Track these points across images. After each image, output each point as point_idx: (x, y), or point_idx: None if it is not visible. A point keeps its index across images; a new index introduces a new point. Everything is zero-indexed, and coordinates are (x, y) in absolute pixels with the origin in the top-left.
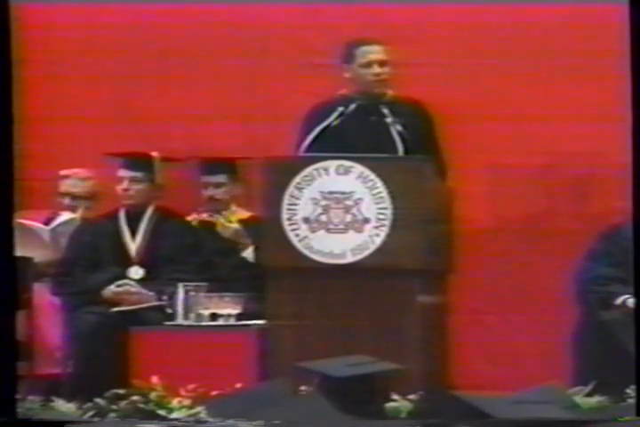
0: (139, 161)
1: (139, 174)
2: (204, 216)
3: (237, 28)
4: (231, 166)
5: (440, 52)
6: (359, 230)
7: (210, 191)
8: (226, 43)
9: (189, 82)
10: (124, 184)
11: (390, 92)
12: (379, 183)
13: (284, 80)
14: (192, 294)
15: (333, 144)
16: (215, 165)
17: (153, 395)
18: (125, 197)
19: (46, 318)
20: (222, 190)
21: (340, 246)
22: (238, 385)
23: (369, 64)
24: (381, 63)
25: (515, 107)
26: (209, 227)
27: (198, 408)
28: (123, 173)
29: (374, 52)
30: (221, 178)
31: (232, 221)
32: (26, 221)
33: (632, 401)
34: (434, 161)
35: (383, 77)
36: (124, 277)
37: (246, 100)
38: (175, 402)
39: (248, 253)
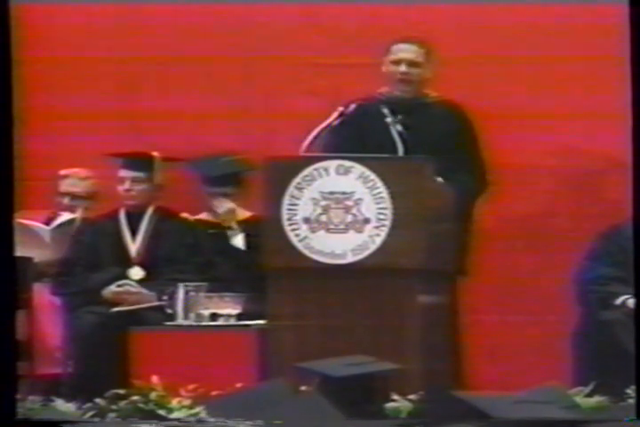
0: (140, 161)
1: (140, 175)
2: (204, 216)
3: (237, 28)
4: (239, 179)
5: (440, 53)
6: (359, 230)
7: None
8: (226, 43)
9: (189, 81)
10: (126, 184)
11: (433, 94)
12: (379, 183)
13: (283, 80)
14: (192, 294)
15: (334, 144)
16: (225, 176)
17: (153, 395)
18: (127, 197)
19: (46, 317)
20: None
21: (340, 246)
22: (238, 385)
23: (398, 62)
24: (411, 63)
25: (515, 107)
26: (209, 227)
27: (198, 408)
28: (124, 173)
29: (405, 51)
30: (228, 189)
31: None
32: (26, 220)
33: (632, 401)
34: (471, 169)
35: (409, 78)
36: (124, 277)
37: (246, 99)
38: (175, 402)
39: (238, 241)
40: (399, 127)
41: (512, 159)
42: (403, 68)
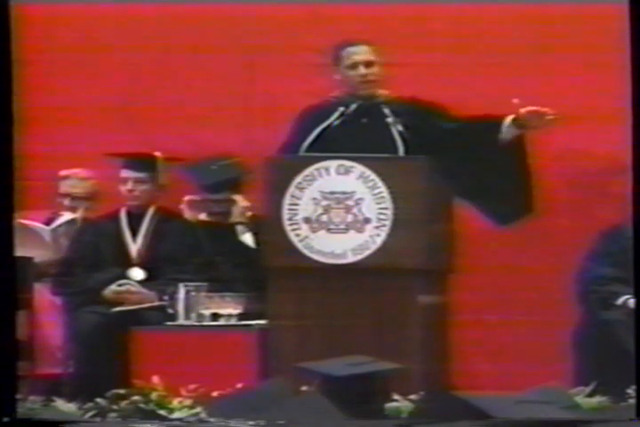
0: (143, 162)
1: (143, 175)
2: (204, 216)
3: (237, 28)
4: (234, 184)
5: (440, 51)
6: (360, 230)
7: (216, 208)
8: (225, 43)
9: (189, 81)
10: (129, 185)
11: (384, 93)
12: (379, 183)
13: (283, 80)
14: (193, 293)
15: (334, 144)
16: (220, 183)
17: (154, 395)
18: (130, 197)
19: (47, 317)
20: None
21: (340, 246)
22: (239, 385)
23: (354, 65)
24: (367, 64)
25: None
26: (210, 227)
27: (199, 408)
28: (127, 173)
29: (359, 53)
30: (224, 195)
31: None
32: (26, 221)
33: (632, 401)
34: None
35: (370, 78)
36: (125, 277)
37: (245, 99)
38: (176, 402)
39: (247, 238)
40: (399, 127)
41: None
42: (362, 70)
